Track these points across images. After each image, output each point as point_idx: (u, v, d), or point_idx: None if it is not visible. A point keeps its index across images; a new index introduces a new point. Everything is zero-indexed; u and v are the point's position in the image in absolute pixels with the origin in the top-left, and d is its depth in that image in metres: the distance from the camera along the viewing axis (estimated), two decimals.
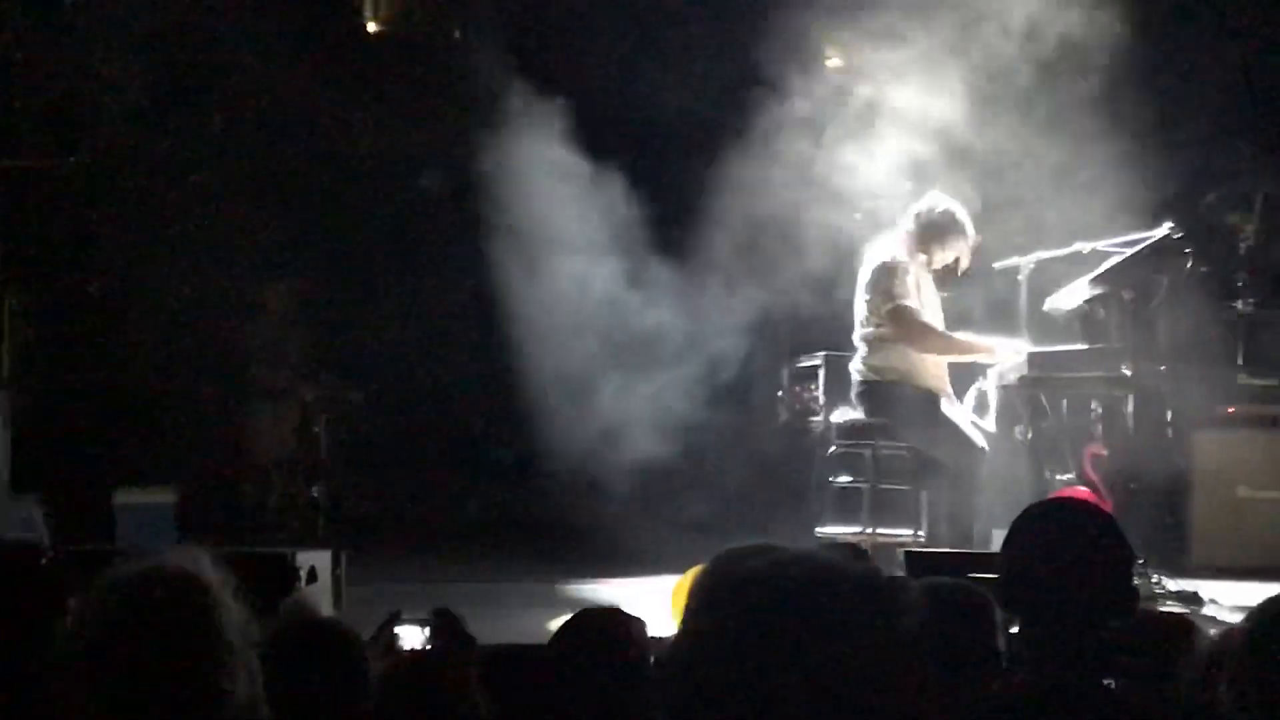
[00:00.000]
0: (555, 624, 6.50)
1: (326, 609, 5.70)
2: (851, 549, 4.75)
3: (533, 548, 10.32)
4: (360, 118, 11.74)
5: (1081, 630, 3.14)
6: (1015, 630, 3.27)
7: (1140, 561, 7.44)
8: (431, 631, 4.04)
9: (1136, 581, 7.05)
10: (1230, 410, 9.65)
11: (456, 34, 13.24)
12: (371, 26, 13.38)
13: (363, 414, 11.69)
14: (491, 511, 11.70)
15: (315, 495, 11.34)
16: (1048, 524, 3.25)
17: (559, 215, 9.29)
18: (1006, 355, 7.73)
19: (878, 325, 7.88)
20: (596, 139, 9.31)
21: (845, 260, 8.50)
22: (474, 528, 11.60)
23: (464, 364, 11.63)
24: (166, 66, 10.84)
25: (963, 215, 7.87)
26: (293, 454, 11.34)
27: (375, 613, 6.47)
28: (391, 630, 4.04)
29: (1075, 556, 3.13)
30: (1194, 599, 7.34)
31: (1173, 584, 7.47)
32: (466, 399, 11.75)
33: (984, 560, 6.29)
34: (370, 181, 11.92)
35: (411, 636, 4.09)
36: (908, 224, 7.92)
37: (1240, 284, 10.16)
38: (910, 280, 7.83)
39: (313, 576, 6.06)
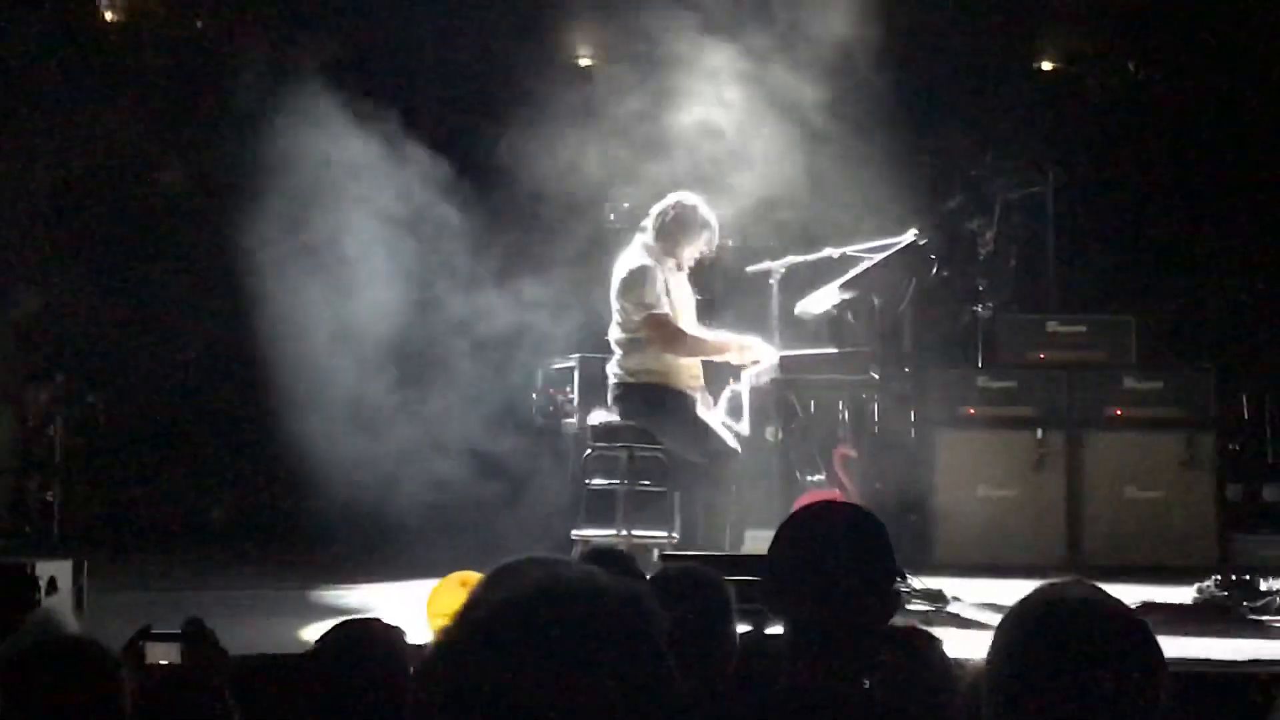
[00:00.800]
0: (307, 631, 6.42)
1: (71, 622, 5.48)
2: (620, 556, 4.71)
3: (282, 552, 10.12)
4: (96, 109, 11.34)
5: (845, 633, 3.17)
6: (780, 631, 3.27)
7: None
8: (183, 645, 3.90)
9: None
10: (971, 411, 9.93)
11: (199, 24, 12.92)
12: (109, 15, 12.97)
13: (102, 416, 11.32)
14: (238, 515, 11.44)
15: (50, 499, 10.97)
16: (814, 528, 3.27)
17: (312, 212, 9.12)
18: (761, 352, 7.81)
19: (630, 332, 7.90)
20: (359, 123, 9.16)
21: (600, 261, 8.52)
22: (221, 532, 11.33)
23: (210, 363, 11.34)
24: None
25: (704, 210, 7.93)
26: (25, 456, 10.95)
27: (119, 622, 6.27)
28: (142, 645, 3.89)
29: (840, 560, 3.15)
30: (939, 596, 7.49)
31: (918, 582, 7.63)
32: (212, 399, 11.45)
33: (738, 561, 6.37)
34: (109, 176, 11.54)
35: (162, 651, 3.94)
36: (652, 227, 7.95)
37: (980, 289, 10.47)
38: (659, 285, 7.85)
39: (53, 587, 5.82)
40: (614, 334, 8.02)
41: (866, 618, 3.19)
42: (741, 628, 4.13)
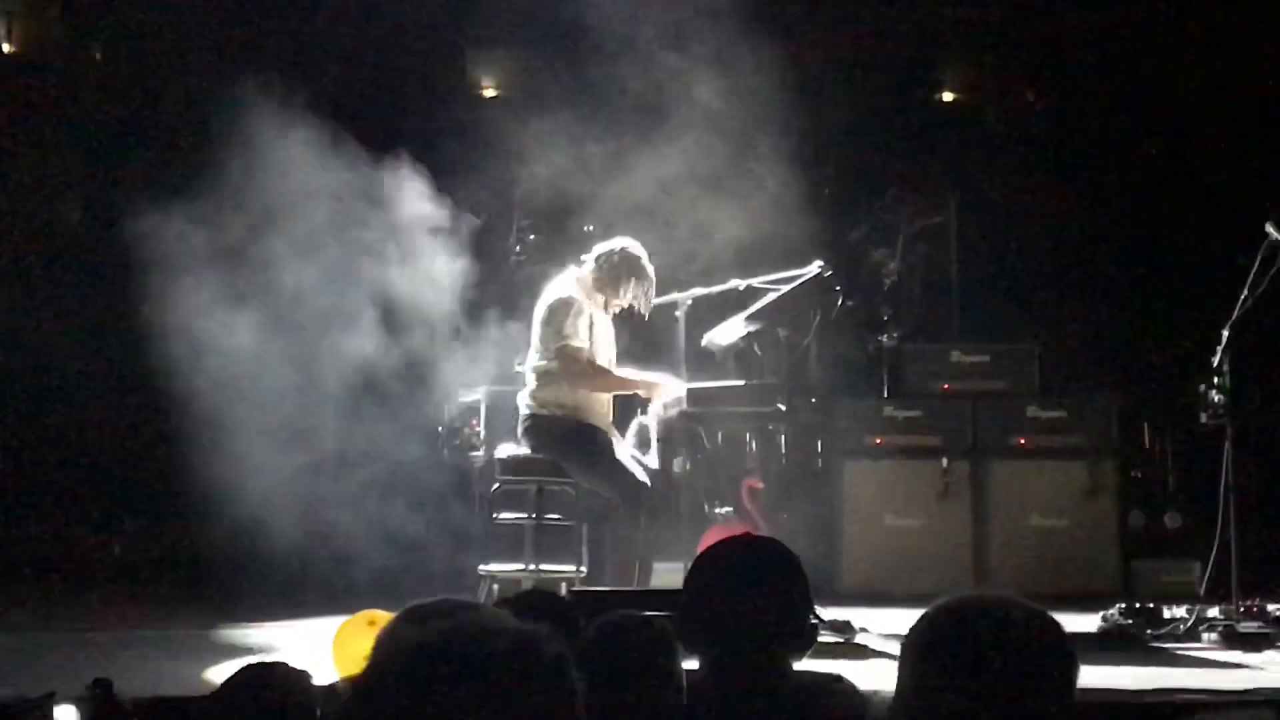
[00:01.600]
0: (211, 672, 6.33)
1: None
2: (555, 600, 4.65)
3: (185, 590, 9.97)
4: None
5: (761, 667, 3.17)
6: (695, 665, 3.26)
7: None
8: (89, 708, 3.81)
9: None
10: (877, 441, 9.97)
11: (98, 56, 12.78)
12: (5, 48, 12.80)
13: None
14: (139, 553, 11.25)
15: None
16: (730, 562, 3.26)
17: (220, 240, 9.03)
18: (670, 389, 7.81)
19: (548, 360, 7.87)
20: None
21: (509, 295, 8.50)
22: (122, 569, 11.14)
23: (109, 399, 11.17)
24: None
25: (647, 263, 7.93)
26: None
27: (16, 664, 6.15)
28: (48, 712, 3.80)
29: (757, 595, 3.15)
30: (846, 627, 7.51)
31: (826, 613, 7.64)
32: (111, 435, 11.27)
33: (646, 596, 6.36)
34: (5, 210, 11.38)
35: (66, 715, 3.85)
36: (589, 264, 7.94)
37: (885, 319, 10.53)
38: (583, 320, 7.84)
39: None
40: (530, 362, 7.99)
41: (783, 651, 3.18)
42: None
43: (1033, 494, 9.83)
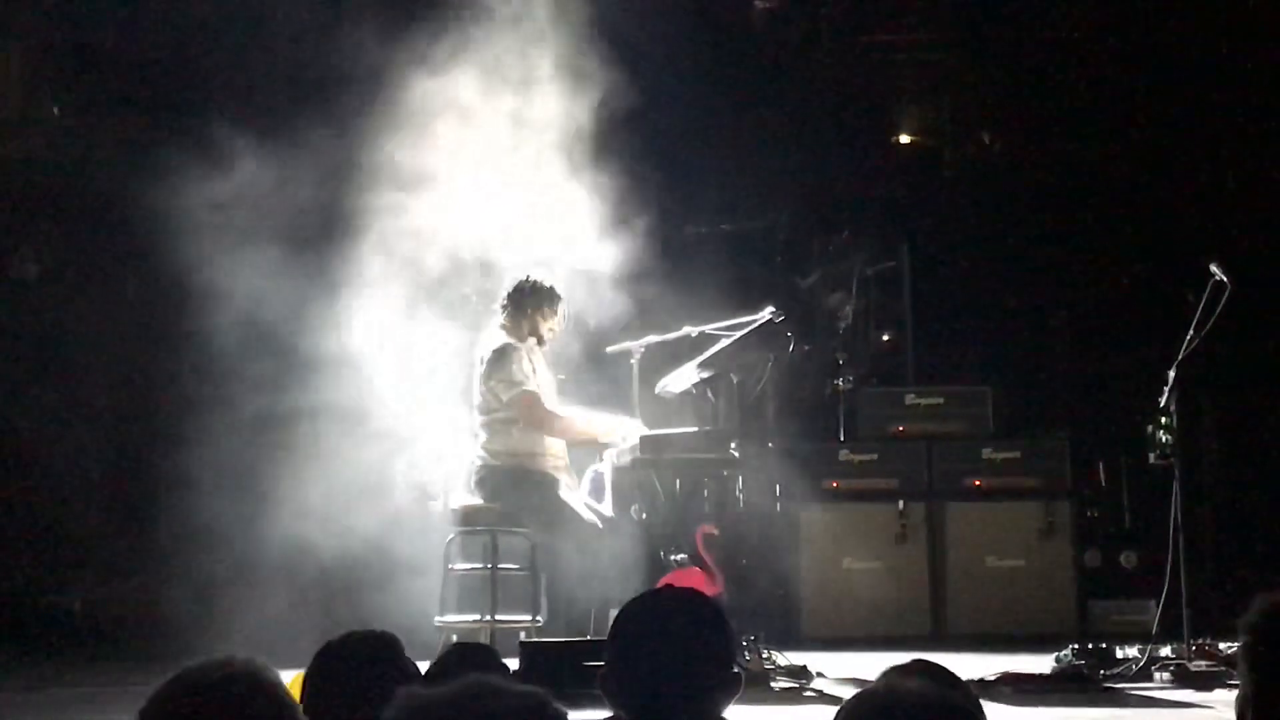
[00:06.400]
0: None
1: None
2: (483, 650, 4.64)
3: (139, 644, 9.90)
4: None
5: (689, 717, 3.17)
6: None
7: (752, 638, 7.64)
8: None
9: (747, 658, 7.28)
10: (834, 484, 10.02)
11: (55, 110, 12.80)
12: None
13: None
14: (100, 608, 11.18)
15: None
16: (645, 616, 3.27)
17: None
18: (627, 433, 7.83)
19: (498, 411, 7.88)
20: None
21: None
22: (80, 625, 11.07)
23: (67, 450, 11.14)
24: None
25: (551, 280, 7.99)
26: None
27: None
28: None
29: (673, 647, 3.16)
30: (803, 673, 7.53)
31: (782, 658, 7.66)
32: (73, 488, 11.23)
33: (598, 645, 6.35)
34: None
35: None
36: (508, 303, 7.98)
37: (840, 362, 10.58)
38: (526, 363, 7.88)
39: None
40: (477, 417, 8.00)
41: (704, 704, 3.19)
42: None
43: (989, 535, 9.89)
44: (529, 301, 7.96)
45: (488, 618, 7.87)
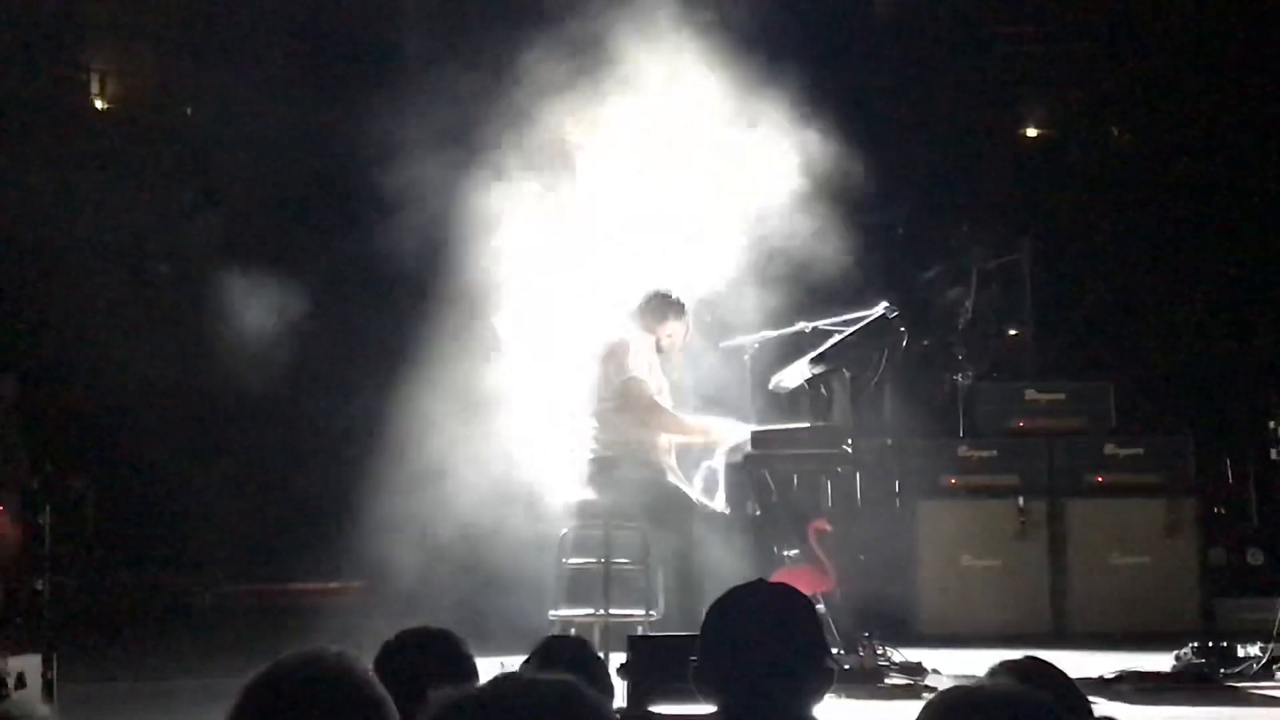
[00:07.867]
0: None
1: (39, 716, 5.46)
2: (574, 643, 4.67)
3: (263, 638, 10.06)
4: (84, 195, 11.47)
5: (774, 713, 3.18)
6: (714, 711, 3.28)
7: (866, 634, 7.60)
8: None
9: (861, 654, 7.26)
10: (952, 481, 9.93)
11: (189, 111, 13.08)
12: (99, 104, 13.12)
13: (87, 502, 11.34)
14: (226, 602, 11.41)
15: (39, 588, 10.93)
16: (737, 610, 3.28)
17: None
18: (726, 437, 7.84)
19: (609, 399, 7.93)
20: None
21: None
22: (210, 619, 11.29)
23: (191, 450, 11.37)
24: None
25: (679, 295, 8.02)
26: (16, 546, 10.93)
27: (88, 712, 6.28)
28: None
29: (764, 641, 3.16)
30: (918, 669, 7.49)
31: (897, 655, 7.62)
32: (194, 487, 11.46)
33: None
34: (96, 262, 11.63)
35: None
36: (635, 304, 8.03)
37: (959, 357, 10.48)
38: (641, 359, 7.92)
39: (21, 682, 5.83)
40: (590, 407, 8.03)
41: (795, 697, 3.19)
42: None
43: (1111, 532, 9.74)
44: (655, 306, 8.02)
45: (601, 611, 7.90)
